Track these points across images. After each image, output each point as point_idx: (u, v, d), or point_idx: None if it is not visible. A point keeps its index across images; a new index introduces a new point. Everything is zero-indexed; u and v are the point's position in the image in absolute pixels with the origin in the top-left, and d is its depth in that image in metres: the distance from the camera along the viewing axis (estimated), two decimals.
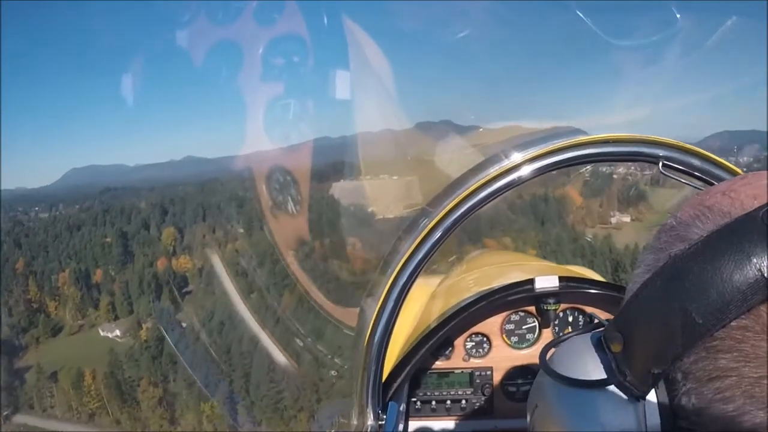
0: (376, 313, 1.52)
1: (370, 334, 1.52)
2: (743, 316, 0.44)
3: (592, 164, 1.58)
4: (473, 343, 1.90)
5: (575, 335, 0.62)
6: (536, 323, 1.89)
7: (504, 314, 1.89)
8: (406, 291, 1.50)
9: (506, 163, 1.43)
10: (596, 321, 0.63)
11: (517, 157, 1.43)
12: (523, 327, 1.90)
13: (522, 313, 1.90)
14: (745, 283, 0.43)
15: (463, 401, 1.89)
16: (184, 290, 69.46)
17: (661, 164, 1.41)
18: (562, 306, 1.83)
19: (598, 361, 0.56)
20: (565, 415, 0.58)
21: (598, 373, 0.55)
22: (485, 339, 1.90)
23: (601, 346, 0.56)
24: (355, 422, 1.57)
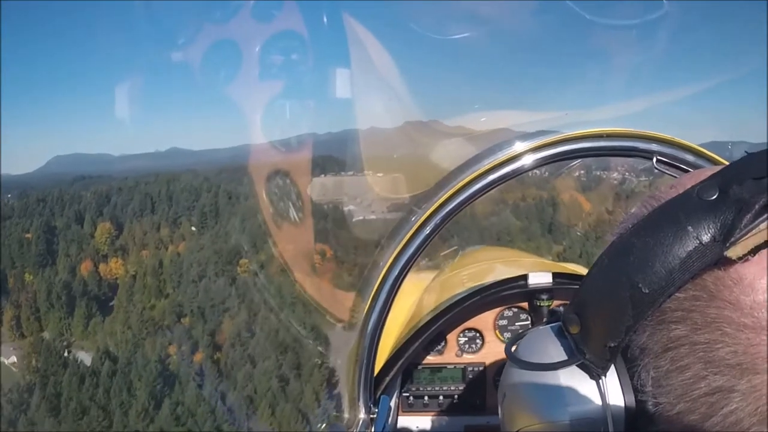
0: (368, 306, 1.71)
1: (362, 328, 1.72)
2: (690, 287, 0.53)
3: (586, 158, 1.79)
4: (466, 339, 2.13)
5: (538, 327, 0.74)
6: (529, 319, 2.13)
7: (497, 310, 2.12)
8: (398, 284, 1.69)
9: (499, 156, 1.63)
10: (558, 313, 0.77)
11: (509, 150, 1.63)
12: (516, 323, 2.14)
13: (515, 309, 2.13)
14: (685, 251, 0.52)
15: (456, 397, 2.11)
16: (110, 304, 64.09)
17: (655, 159, 1.63)
18: (555, 302, 2.05)
19: (559, 346, 0.66)
20: (531, 399, 0.68)
21: (559, 357, 0.65)
22: (478, 334, 2.13)
23: (561, 333, 0.67)
24: (347, 416, 1.76)
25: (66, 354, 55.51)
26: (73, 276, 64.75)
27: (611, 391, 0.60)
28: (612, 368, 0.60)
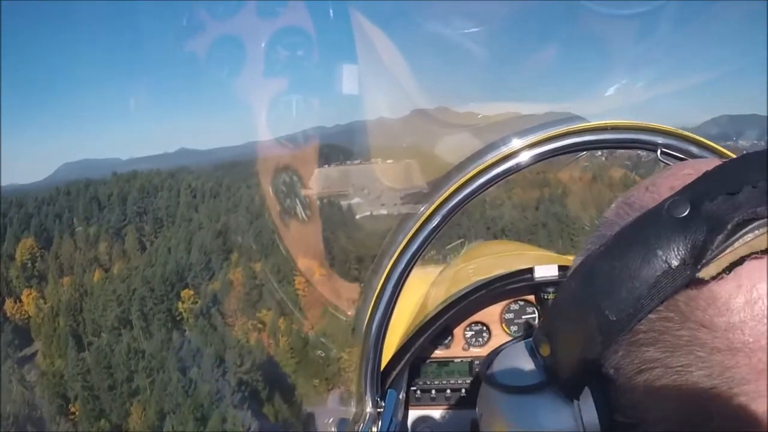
0: (374, 300, 1.75)
1: (368, 322, 1.75)
2: (661, 308, 0.51)
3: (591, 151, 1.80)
4: (473, 332, 2.16)
5: (513, 342, 0.74)
6: (536, 312, 2.14)
7: (504, 303, 2.15)
8: (403, 278, 1.73)
9: (504, 150, 1.65)
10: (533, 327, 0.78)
11: (515, 143, 1.65)
12: (523, 316, 2.16)
13: (522, 302, 2.16)
14: (653, 276, 0.50)
15: (463, 390, 2.14)
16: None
17: (659, 152, 1.64)
18: None
19: (535, 366, 0.66)
20: (506, 421, 0.67)
21: (535, 377, 0.65)
22: (485, 328, 2.16)
23: (535, 352, 0.67)
24: (354, 410, 1.80)
25: None
26: None
27: (587, 412, 0.59)
28: (588, 388, 0.59)
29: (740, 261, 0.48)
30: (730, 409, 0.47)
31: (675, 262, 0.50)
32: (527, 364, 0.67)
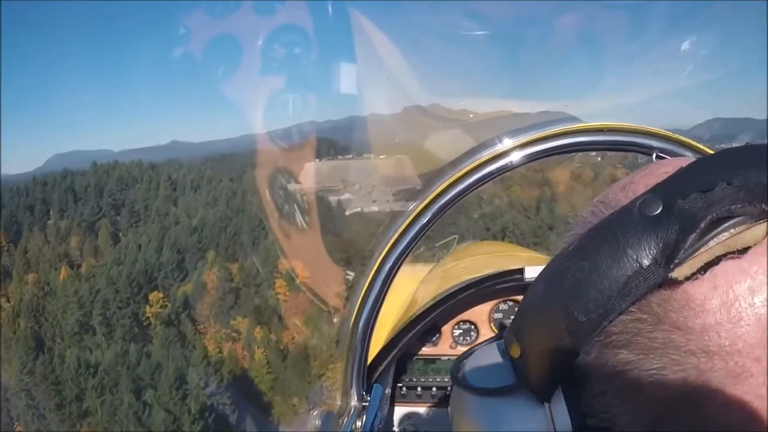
0: (362, 295, 1.74)
1: (356, 316, 1.75)
2: (634, 309, 0.49)
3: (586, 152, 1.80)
4: (461, 331, 2.16)
5: (485, 343, 0.73)
6: None
7: (493, 303, 2.15)
8: (393, 274, 1.72)
9: (497, 148, 1.64)
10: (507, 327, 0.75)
11: (508, 142, 1.64)
12: (512, 316, 2.14)
13: (511, 303, 2.16)
14: (624, 276, 0.49)
15: (449, 388, 2.13)
16: None
17: (654, 155, 1.64)
18: None
19: (506, 367, 0.64)
20: (476, 424, 0.66)
21: (505, 379, 0.63)
22: (473, 327, 2.16)
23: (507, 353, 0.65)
24: (339, 403, 1.79)
25: None
26: None
27: (559, 415, 0.57)
28: (560, 391, 0.58)
29: (716, 261, 0.46)
30: (705, 413, 0.46)
31: (646, 262, 0.48)
32: (499, 366, 0.66)
